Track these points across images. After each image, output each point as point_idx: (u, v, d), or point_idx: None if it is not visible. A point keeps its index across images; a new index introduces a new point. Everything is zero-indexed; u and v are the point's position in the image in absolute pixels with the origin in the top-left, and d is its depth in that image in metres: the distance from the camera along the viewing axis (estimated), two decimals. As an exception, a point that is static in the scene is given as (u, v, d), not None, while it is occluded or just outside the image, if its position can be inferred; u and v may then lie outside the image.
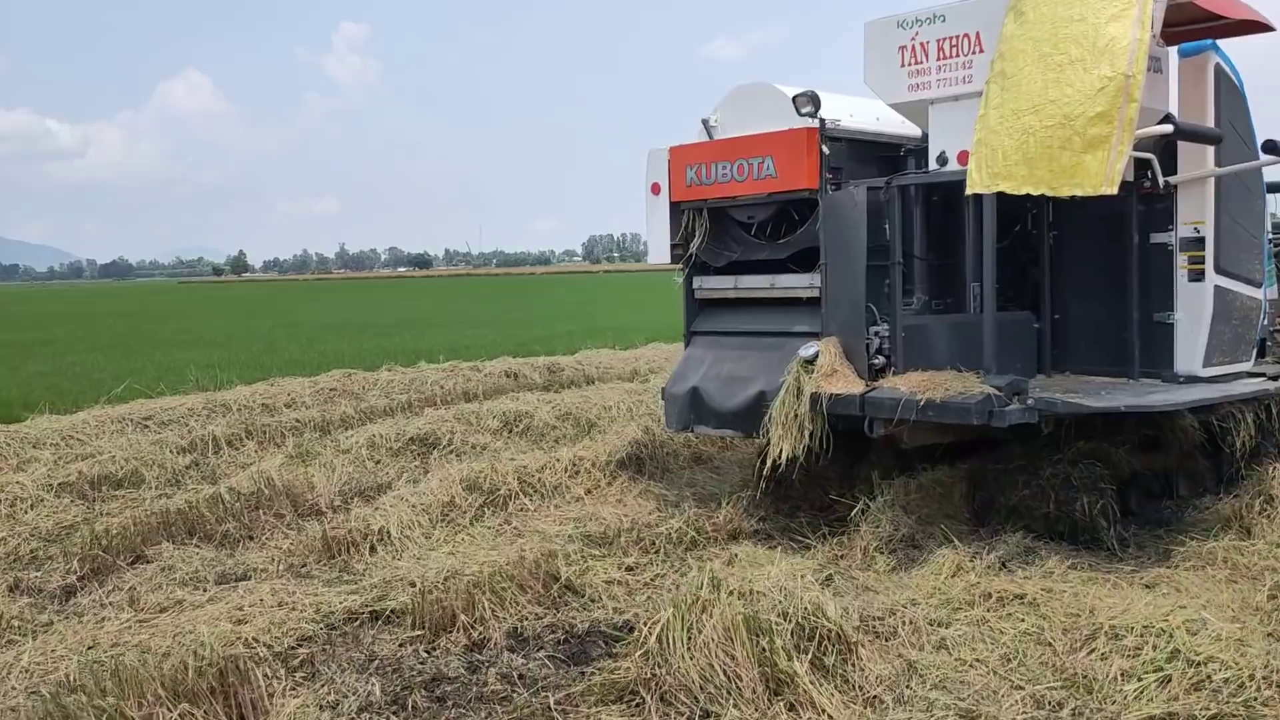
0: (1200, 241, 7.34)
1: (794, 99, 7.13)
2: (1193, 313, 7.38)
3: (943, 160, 6.69)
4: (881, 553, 6.47)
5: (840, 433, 6.86)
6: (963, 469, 7.40)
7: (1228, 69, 7.39)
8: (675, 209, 8.03)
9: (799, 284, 7.45)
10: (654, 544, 6.82)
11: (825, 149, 7.16)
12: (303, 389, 13.02)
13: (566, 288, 70.03)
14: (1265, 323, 8.13)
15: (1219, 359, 7.56)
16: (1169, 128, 6.13)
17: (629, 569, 6.53)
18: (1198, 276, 7.38)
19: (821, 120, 7.11)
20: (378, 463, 9.67)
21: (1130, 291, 7.55)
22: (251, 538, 7.65)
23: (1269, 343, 8.34)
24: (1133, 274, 7.55)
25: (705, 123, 7.88)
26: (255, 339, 26.74)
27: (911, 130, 7.85)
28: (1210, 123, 7.30)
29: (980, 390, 6.23)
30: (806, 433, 6.80)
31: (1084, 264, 7.91)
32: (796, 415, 6.88)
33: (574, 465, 8.59)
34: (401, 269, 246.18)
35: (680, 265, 8.17)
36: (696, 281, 8.14)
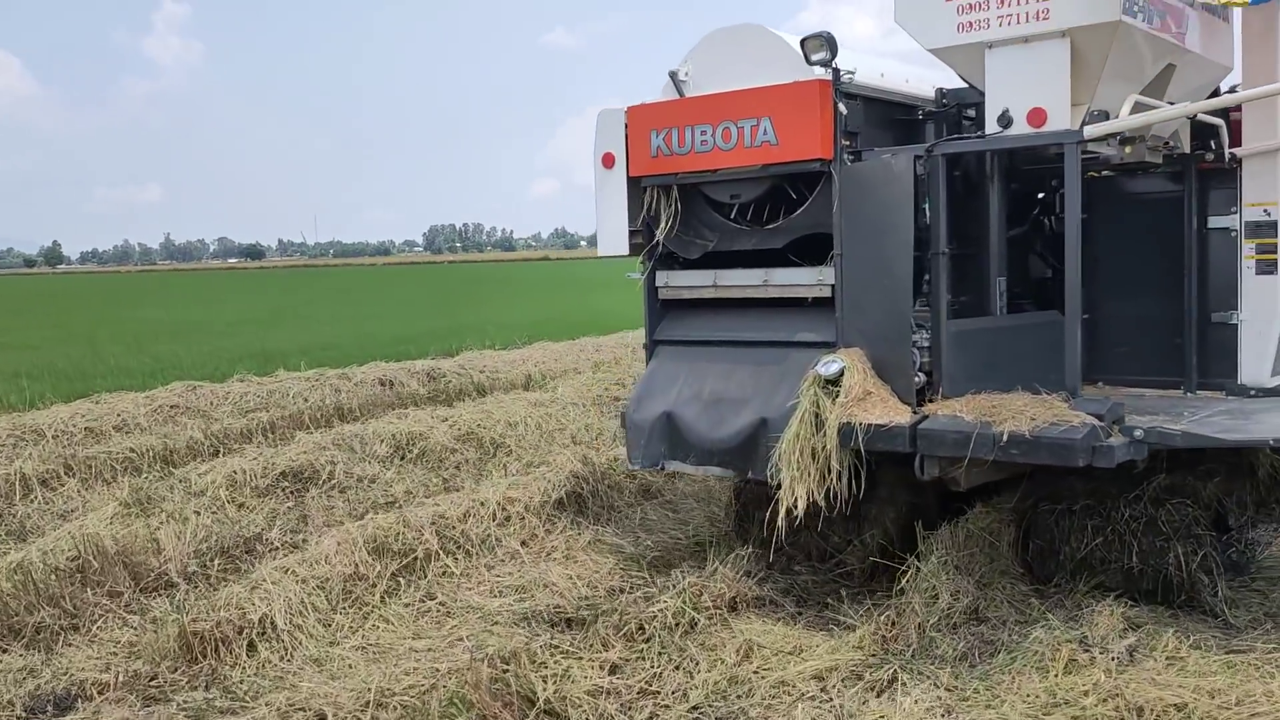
0: (1272, 226, 6.10)
1: (804, 42, 5.53)
2: (1261, 312, 6.14)
3: (1006, 120, 5.20)
4: (941, 632, 4.95)
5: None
6: (1007, 510, 5.96)
7: (1296, 21, 6.16)
8: (635, 186, 6.33)
9: (804, 280, 5.87)
10: (641, 628, 5.12)
11: (842, 108, 5.59)
12: (136, 407, 10.75)
13: (414, 279, 67.06)
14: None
15: (1281, 365, 6.37)
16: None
17: (614, 669, 4.83)
18: (1268, 268, 6.14)
19: (836, 71, 5.53)
20: (241, 507, 7.67)
21: (1186, 287, 6.27)
22: (76, 628, 5.64)
23: None
24: (1190, 266, 6.27)
25: (673, 76, 6.19)
26: (75, 341, 23.66)
27: (925, 90, 6.39)
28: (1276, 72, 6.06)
29: (1079, 420, 4.77)
30: (833, 474, 5.24)
31: (1123, 254, 6.58)
32: (816, 451, 5.31)
33: (502, 509, 6.81)
34: (233, 260, 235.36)
35: (641, 258, 6.47)
36: (662, 278, 6.46)
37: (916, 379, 5.37)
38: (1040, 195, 6.85)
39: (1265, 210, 6.12)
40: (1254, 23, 6.07)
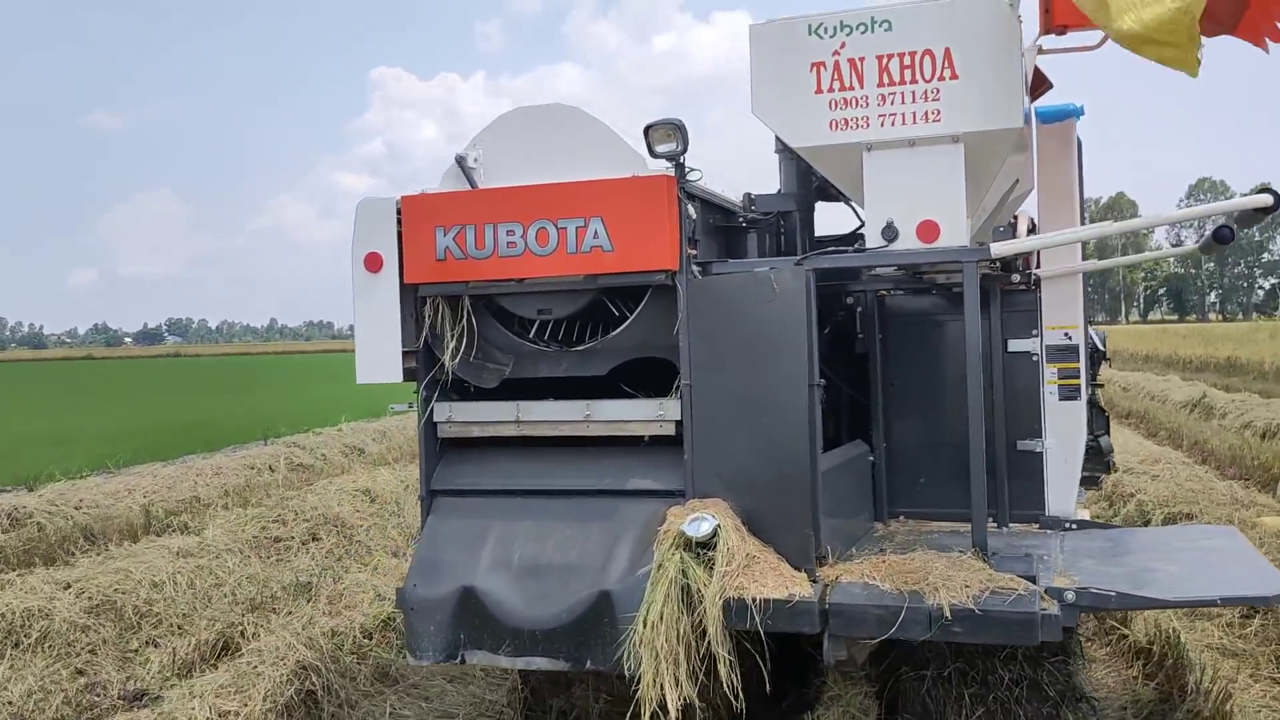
0: (1073, 350, 5.92)
1: (648, 130, 4.56)
2: (1066, 439, 5.90)
3: (892, 233, 4.51)
4: None
5: None
6: (860, 678, 5.17)
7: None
8: (411, 296, 4.99)
9: (640, 415, 4.80)
10: None
11: (692, 211, 4.67)
12: None
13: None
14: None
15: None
16: (1269, 199, 4.51)
17: None
18: (1071, 394, 5.93)
19: (681, 167, 4.61)
20: None
21: (996, 413, 5.91)
22: None
23: None
24: (999, 391, 5.93)
25: (461, 161, 4.96)
26: None
27: (737, 197, 5.65)
28: (1076, 200, 5.97)
29: (1022, 587, 4.07)
30: (723, 662, 4.18)
31: (919, 378, 6.14)
32: (688, 635, 4.23)
33: (214, 727, 5.02)
34: None
35: (420, 386, 5.09)
36: (443, 411, 5.10)
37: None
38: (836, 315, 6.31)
39: (1066, 334, 5.93)
40: (1050, 139, 5.94)
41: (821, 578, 4.31)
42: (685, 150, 4.55)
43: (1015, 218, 6.38)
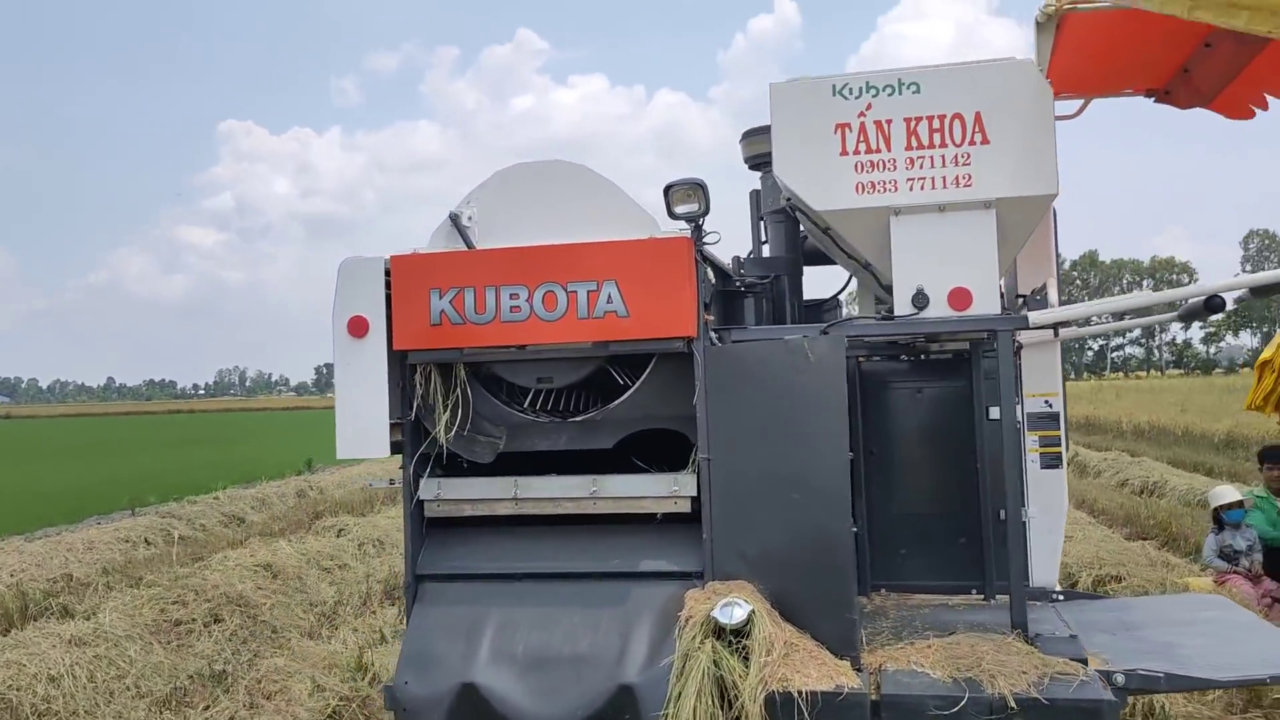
0: (1054, 418, 5.88)
1: (669, 190, 4.32)
2: (1049, 508, 5.83)
3: (922, 301, 4.35)
4: None
5: None
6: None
7: (1052, 210, 6.17)
8: (399, 363, 4.58)
9: (652, 490, 4.49)
10: None
11: (711, 275, 4.43)
12: None
13: None
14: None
15: (1054, 567, 6.12)
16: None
17: None
18: (1053, 462, 5.88)
19: (699, 229, 4.38)
20: None
21: (981, 482, 5.81)
22: None
23: None
24: (983, 459, 5.82)
25: (455, 219, 4.61)
26: None
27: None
28: (1054, 266, 5.97)
29: (1083, 672, 3.90)
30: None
31: (904, 446, 6.00)
32: (721, 732, 3.91)
33: None
34: None
35: (413, 461, 4.65)
36: (431, 489, 4.68)
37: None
38: None
39: (1047, 401, 5.88)
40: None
41: (865, 665, 4.06)
42: (707, 212, 4.32)
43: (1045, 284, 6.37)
